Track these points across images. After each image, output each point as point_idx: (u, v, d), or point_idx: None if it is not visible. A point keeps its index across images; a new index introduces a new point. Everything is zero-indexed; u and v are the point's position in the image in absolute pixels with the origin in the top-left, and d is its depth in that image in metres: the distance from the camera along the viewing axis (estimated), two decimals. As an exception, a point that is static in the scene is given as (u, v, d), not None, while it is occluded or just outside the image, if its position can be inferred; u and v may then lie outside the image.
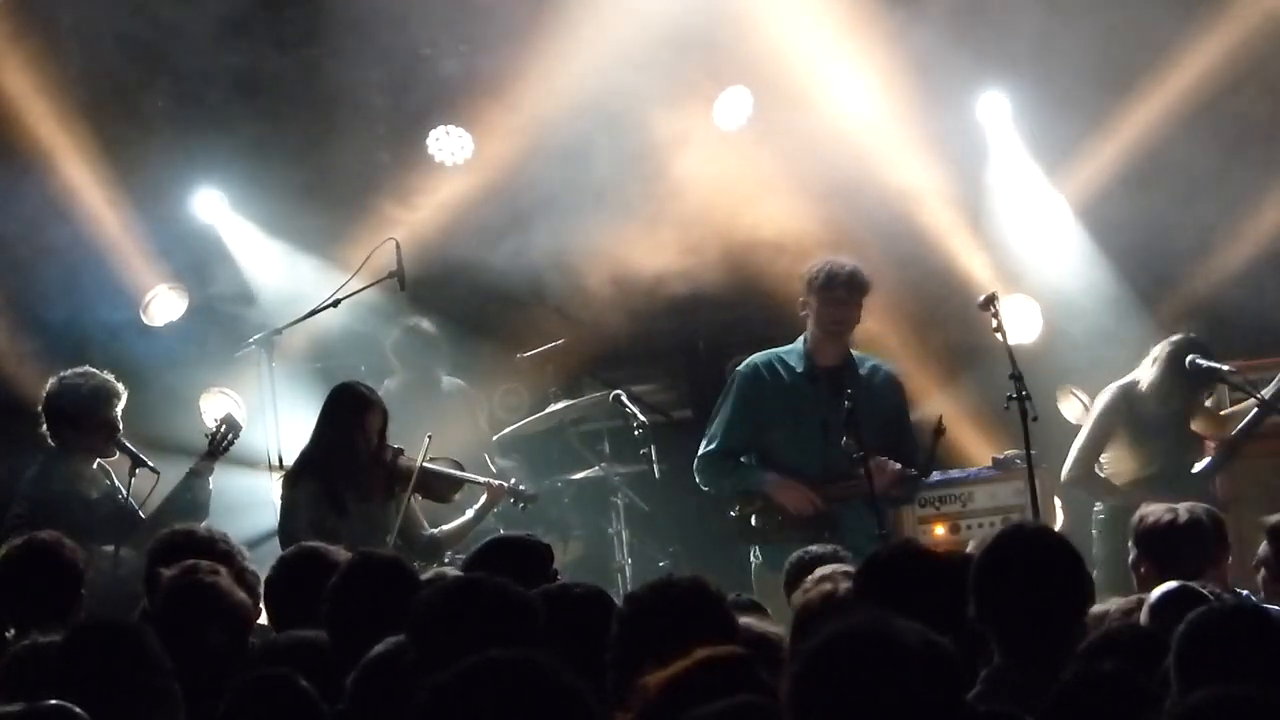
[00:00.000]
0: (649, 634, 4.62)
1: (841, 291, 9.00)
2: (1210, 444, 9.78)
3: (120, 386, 9.09)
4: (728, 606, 4.94)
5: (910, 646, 4.02)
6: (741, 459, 9.10)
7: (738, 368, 9.36)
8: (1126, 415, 9.70)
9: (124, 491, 8.90)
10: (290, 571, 6.41)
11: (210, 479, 9.17)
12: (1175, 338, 9.72)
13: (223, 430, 9.23)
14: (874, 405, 9.00)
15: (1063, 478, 9.85)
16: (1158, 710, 4.10)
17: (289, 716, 4.77)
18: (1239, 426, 9.79)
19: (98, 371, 9.12)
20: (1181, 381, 9.59)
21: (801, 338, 9.18)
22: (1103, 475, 9.74)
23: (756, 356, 9.28)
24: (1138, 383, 9.72)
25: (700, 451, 9.18)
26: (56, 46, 11.11)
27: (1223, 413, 9.87)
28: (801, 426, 9.01)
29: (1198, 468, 9.67)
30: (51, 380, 9.17)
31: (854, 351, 9.20)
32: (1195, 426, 9.73)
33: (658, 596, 4.86)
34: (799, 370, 9.09)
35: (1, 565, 6.87)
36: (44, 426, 9.10)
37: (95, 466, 9.09)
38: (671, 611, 4.76)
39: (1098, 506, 9.77)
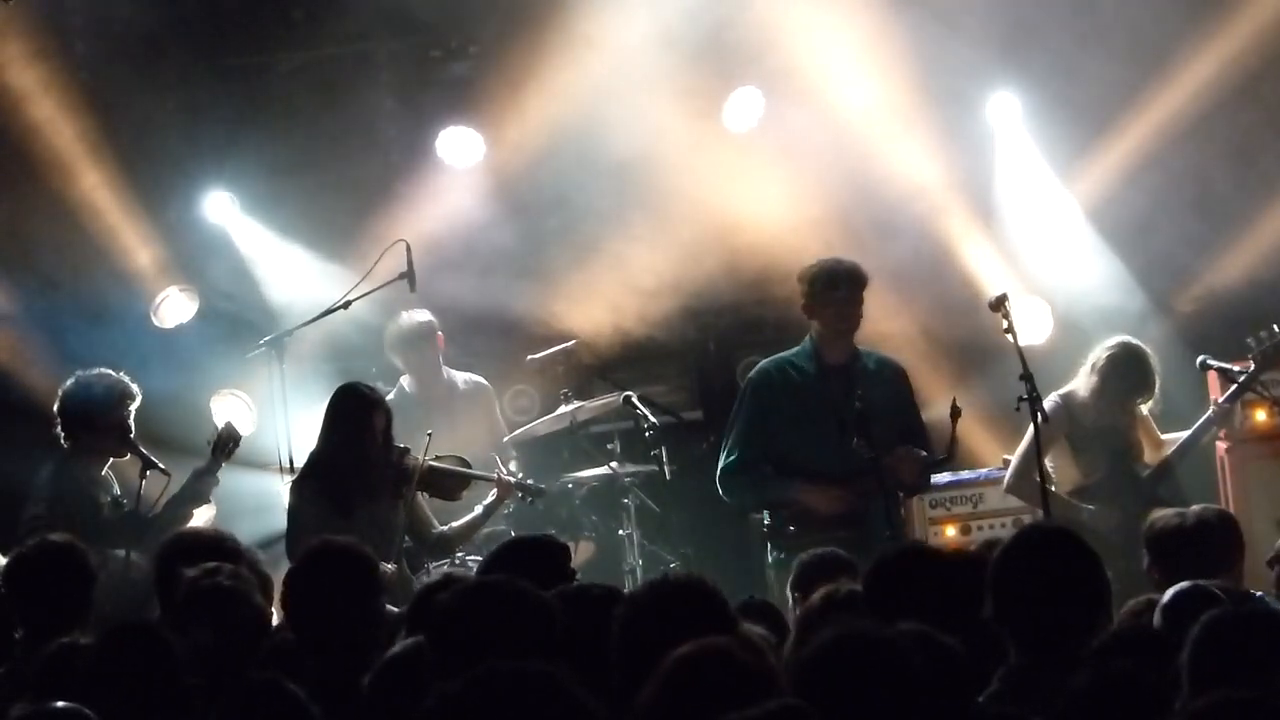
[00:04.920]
0: (648, 633, 4.62)
1: (844, 291, 9.02)
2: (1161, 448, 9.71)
3: (134, 388, 9.12)
4: (725, 602, 4.92)
5: (904, 649, 4.03)
6: (763, 468, 9.06)
7: (749, 374, 9.35)
8: (1066, 424, 9.57)
9: (133, 494, 8.93)
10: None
11: (218, 476, 9.20)
12: (1111, 345, 9.60)
13: (222, 439, 9.26)
14: (885, 398, 9.02)
15: (1004, 486, 9.81)
16: (1169, 710, 4.12)
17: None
18: (1224, 396, 9.73)
19: (112, 372, 9.15)
20: (1115, 389, 9.50)
21: (808, 338, 9.19)
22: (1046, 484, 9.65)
23: (765, 362, 9.29)
24: (1076, 391, 9.64)
25: (721, 465, 9.16)
26: (66, 47, 11.13)
27: (1164, 436, 9.77)
28: (817, 426, 9.00)
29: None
30: (68, 382, 9.20)
31: (859, 347, 9.22)
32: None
33: (654, 596, 4.86)
34: (809, 370, 9.10)
35: (14, 567, 6.88)
36: (58, 428, 9.13)
37: (106, 469, 9.12)
38: (669, 610, 4.75)
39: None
